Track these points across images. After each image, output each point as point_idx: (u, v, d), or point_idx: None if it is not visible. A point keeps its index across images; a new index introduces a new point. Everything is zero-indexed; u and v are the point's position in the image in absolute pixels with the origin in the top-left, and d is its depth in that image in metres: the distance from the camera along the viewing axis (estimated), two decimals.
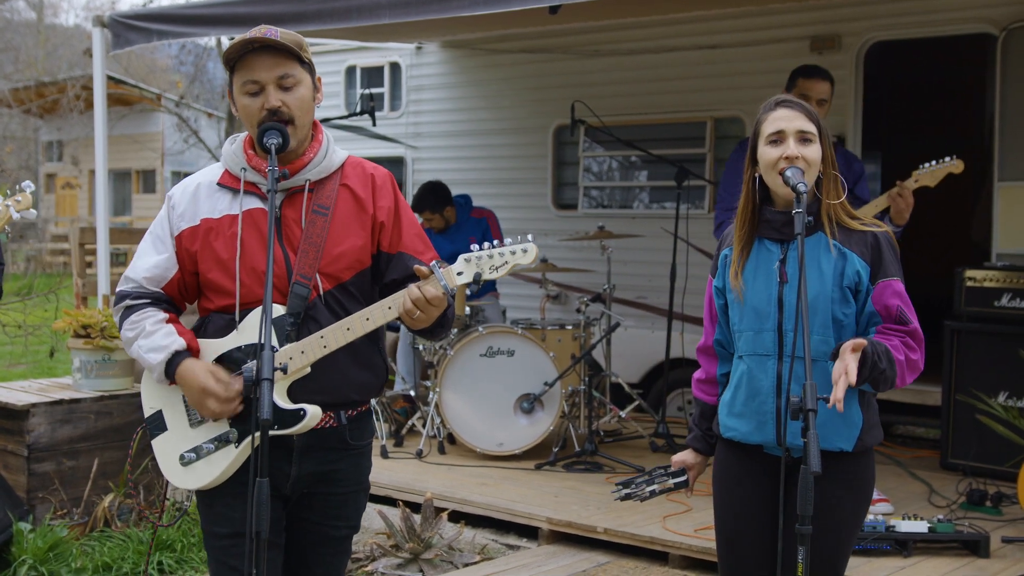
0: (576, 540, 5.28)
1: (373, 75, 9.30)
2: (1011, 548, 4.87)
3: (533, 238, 2.78)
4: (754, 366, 2.99)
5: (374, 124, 7.85)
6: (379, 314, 2.80)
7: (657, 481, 3.22)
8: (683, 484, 3.24)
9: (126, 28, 6.73)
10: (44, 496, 5.34)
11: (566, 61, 8.17)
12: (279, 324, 2.78)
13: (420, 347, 6.90)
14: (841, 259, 2.92)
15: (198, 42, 23.18)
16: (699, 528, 5.03)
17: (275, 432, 2.72)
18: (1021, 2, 6.22)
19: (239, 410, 2.80)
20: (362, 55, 9.28)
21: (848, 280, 2.92)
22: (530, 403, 6.40)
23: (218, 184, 2.92)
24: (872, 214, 4.70)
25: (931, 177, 4.95)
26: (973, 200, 8.30)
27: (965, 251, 7.93)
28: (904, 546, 4.78)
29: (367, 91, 8.92)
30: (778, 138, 2.95)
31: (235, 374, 2.79)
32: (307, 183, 2.87)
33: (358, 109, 7.98)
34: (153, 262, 2.92)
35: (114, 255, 12.45)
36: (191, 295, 2.99)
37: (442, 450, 6.59)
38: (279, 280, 2.82)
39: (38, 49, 29.43)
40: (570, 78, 8.07)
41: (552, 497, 5.68)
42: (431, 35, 8.52)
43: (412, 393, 7.02)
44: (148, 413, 2.95)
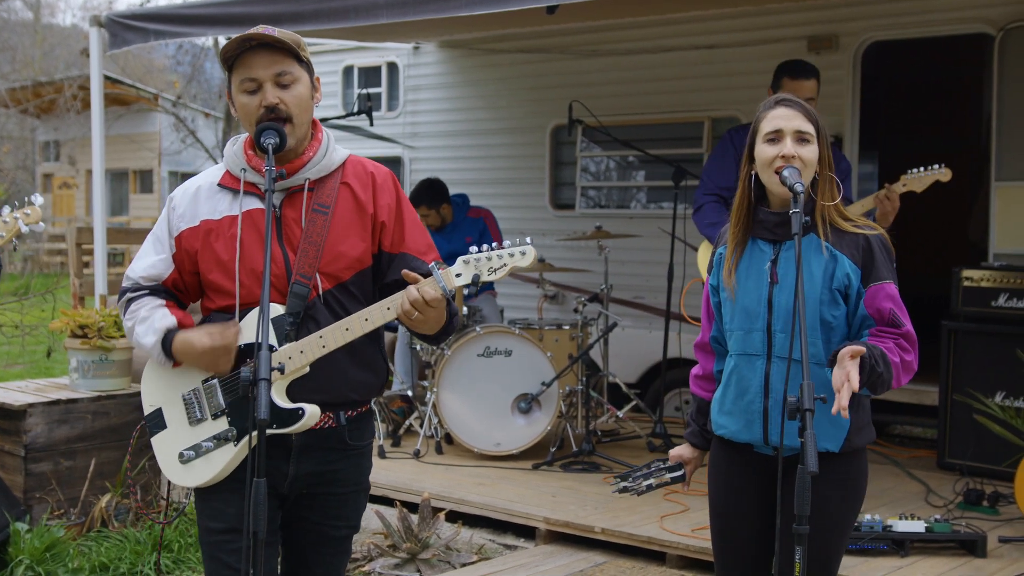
0: (573, 540, 5.28)
1: (370, 75, 9.30)
2: (1008, 548, 4.88)
3: (532, 240, 2.79)
4: (743, 365, 3.01)
5: (371, 124, 7.85)
6: (378, 315, 2.80)
7: (654, 475, 3.24)
8: (679, 478, 3.26)
9: (123, 28, 6.72)
10: (41, 496, 5.33)
11: (563, 61, 8.18)
12: (278, 324, 2.78)
13: (418, 347, 6.90)
14: (832, 261, 2.93)
15: (195, 42, 23.17)
16: (696, 528, 5.03)
17: (273, 431, 2.73)
18: (1018, 2, 6.23)
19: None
20: (359, 55, 9.29)
21: (837, 282, 2.92)
22: (527, 403, 6.40)
23: (219, 185, 2.93)
24: (857, 214, 4.72)
25: (918, 183, 5.00)
26: (970, 200, 8.31)
27: (962, 251, 7.94)
28: (901, 546, 4.78)
29: (364, 91, 8.93)
30: (776, 137, 2.95)
31: (231, 326, 2.81)
32: (306, 182, 2.87)
33: (355, 109, 7.99)
34: (151, 262, 2.95)
35: (111, 255, 12.46)
36: (190, 295, 3.00)
37: (439, 450, 6.59)
38: (278, 280, 2.82)
39: (35, 49, 29.44)
40: (567, 78, 8.07)
41: (549, 497, 5.69)
42: (428, 35, 8.52)
43: (409, 393, 7.02)
44: (148, 411, 2.96)
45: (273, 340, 2.75)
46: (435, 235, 7.36)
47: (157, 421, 2.94)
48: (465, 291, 6.62)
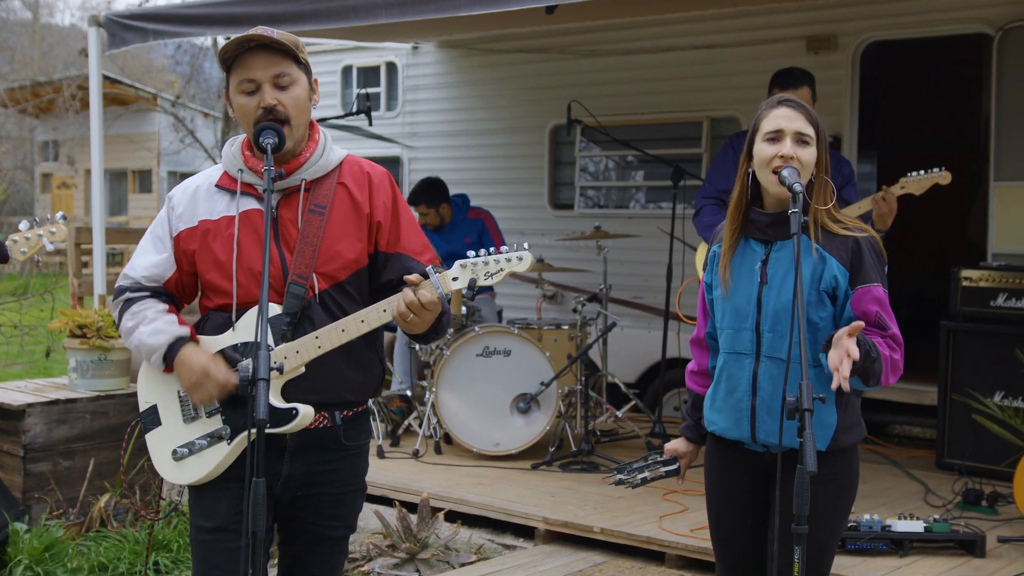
0: (572, 540, 5.28)
1: (369, 75, 9.30)
2: (1007, 548, 4.88)
3: (529, 246, 2.82)
4: (732, 364, 3.04)
5: (370, 124, 7.84)
6: (374, 316, 2.80)
7: (649, 468, 3.28)
8: (674, 472, 3.28)
9: (122, 28, 6.72)
10: (40, 496, 5.33)
11: (562, 61, 8.18)
12: (275, 324, 2.78)
13: (416, 347, 6.90)
14: (820, 263, 2.94)
15: (194, 42, 23.15)
16: (695, 528, 5.03)
17: (267, 430, 2.72)
18: (1017, 2, 6.23)
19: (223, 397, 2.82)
20: (358, 55, 9.28)
21: (825, 284, 2.94)
22: (526, 403, 6.40)
23: (216, 186, 2.93)
24: (854, 215, 4.72)
25: (917, 186, 4.98)
26: (969, 200, 8.31)
27: (961, 251, 7.94)
28: (900, 546, 4.78)
29: (363, 91, 8.90)
30: (776, 136, 2.96)
31: (232, 370, 2.80)
32: (303, 182, 2.87)
33: (354, 109, 7.97)
34: (152, 261, 2.94)
35: (110, 255, 12.45)
36: (189, 295, 3.01)
37: (438, 450, 6.59)
38: (275, 280, 2.82)
39: (34, 49, 29.42)
40: (566, 78, 8.07)
41: (548, 497, 5.69)
42: (427, 35, 8.52)
43: (408, 393, 7.02)
44: (143, 407, 2.97)
45: (270, 340, 2.75)
46: (434, 235, 7.37)
47: (152, 418, 2.95)
48: (463, 294, 6.61)
